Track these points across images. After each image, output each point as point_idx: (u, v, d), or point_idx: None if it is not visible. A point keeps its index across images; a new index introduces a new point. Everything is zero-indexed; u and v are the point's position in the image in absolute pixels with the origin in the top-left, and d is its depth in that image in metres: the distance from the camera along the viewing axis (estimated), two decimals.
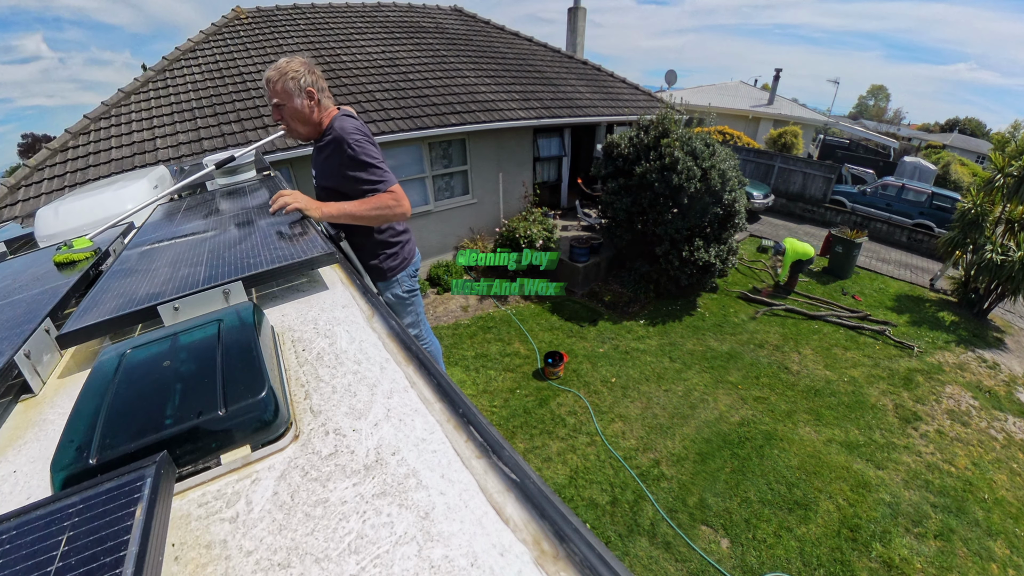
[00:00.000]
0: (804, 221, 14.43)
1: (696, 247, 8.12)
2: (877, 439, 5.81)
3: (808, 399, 6.48)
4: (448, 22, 12.92)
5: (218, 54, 9.09)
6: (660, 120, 8.38)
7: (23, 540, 0.61)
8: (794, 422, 6.04)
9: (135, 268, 1.61)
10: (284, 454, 0.83)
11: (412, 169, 8.89)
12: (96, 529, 0.60)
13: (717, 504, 4.88)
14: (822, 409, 6.29)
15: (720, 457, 5.47)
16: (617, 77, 13.22)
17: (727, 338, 7.87)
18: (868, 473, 5.31)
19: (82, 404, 0.87)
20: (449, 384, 0.91)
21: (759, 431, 5.86)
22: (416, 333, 2.69)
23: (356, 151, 2.07)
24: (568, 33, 14.99)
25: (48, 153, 6.56)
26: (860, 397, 6.53)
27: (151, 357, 0.99)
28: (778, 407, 6.30)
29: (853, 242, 10.02)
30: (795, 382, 6.82)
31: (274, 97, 2.05)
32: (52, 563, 0.56)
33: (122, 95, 7.75)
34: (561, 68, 12.43)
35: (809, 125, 22.56)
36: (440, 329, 8.00)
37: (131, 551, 0.56)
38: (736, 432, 5.84)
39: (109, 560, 0.55)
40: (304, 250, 1.46)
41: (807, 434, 5.85)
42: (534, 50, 12.97)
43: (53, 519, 0.63)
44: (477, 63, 11.00)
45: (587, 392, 6.46)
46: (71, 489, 0.70)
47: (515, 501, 0.66)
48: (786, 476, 5.22)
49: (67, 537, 0.59)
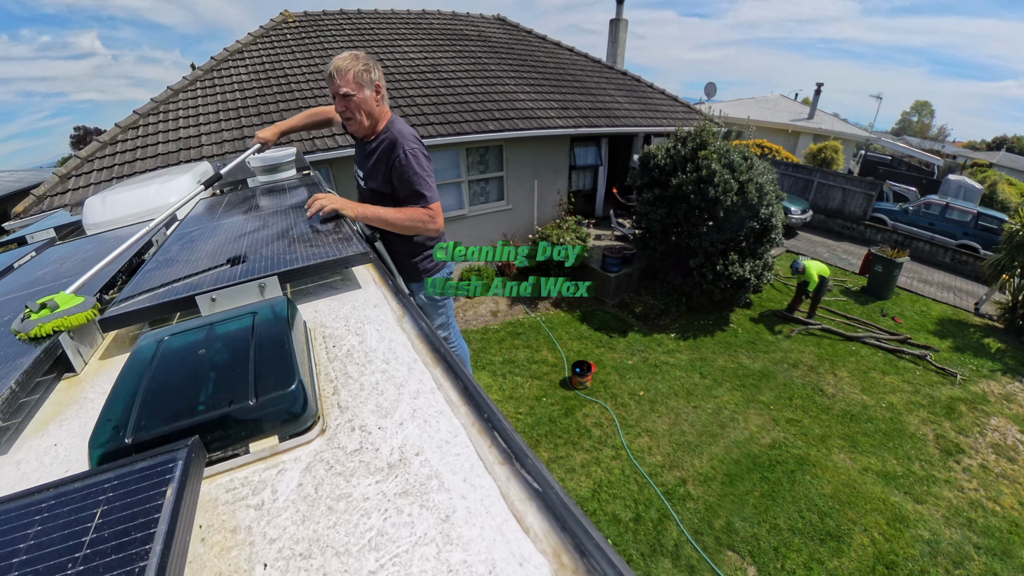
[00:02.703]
0: (843, 238, 14.01)
1: (731, 261, 7.97)
2: (916, 471, 5.55)
3: (843, 424, 6.24)
4: (491, 31, 13.05)
5: (264, 56, 9.37)
6: (698, 132, 8.30)
7: (61, 510, 0.63)
8: (828, 448, 5.83)
9: (176, 259, 1.66)
10: (310, 447, 0.84)
11: (449, 174, 8.98)
12: (129, 505, 0.62)
13: (745, 529, 4.73)
14: (858, 435, 6.05)
15: (749, 480, 5.31)
16: (656, 88, 13.12)
17: (760, 356, 7.66)
18: (906, 507, 5.07)
19: (121, 385, 0.91)
20: (475, 388, 0.91)
21: (791, 455, 5.68)
22: (445, 335, 2.71)
23: (409, 160, 2.12)
24: (609, 44, 15.00)
25: (98, 146, 6.86)
26: (899, 425, 6.26)
27: (188, 345, 1.02)
28: (811, 431, 6.09)
29: (894, 261, 9.65)
30: (830, 405, 6.59)
31: (343, 87, 2.05)
32: (87, 534, 0.59)
33: (170, 92, 8.06)
34: (600, 78, 12.40)
35: (850, 140, 21.99)
36: (469, 333, 8.03)
37: (161, 529, 0.58)
38: (767, 455, 5.67)
39: (140, 536, 0.57)
40: (339, 249, 1.49)
41: (842, 461, 5.63)
42: (574, 60, 12.98)
43: (89, 492, 0.65)
44: (518, 71, 11.08)
45: (614, 404, 6.38)
46: (107, 465, 0.73)
47: (537, 511, 0.65)
48: (818, 504, 5.03)
49: (101, 511, 0.62)
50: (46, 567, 0.56)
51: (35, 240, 2.66)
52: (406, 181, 2.14)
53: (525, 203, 10.28)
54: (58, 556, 0.57)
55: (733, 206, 7.64)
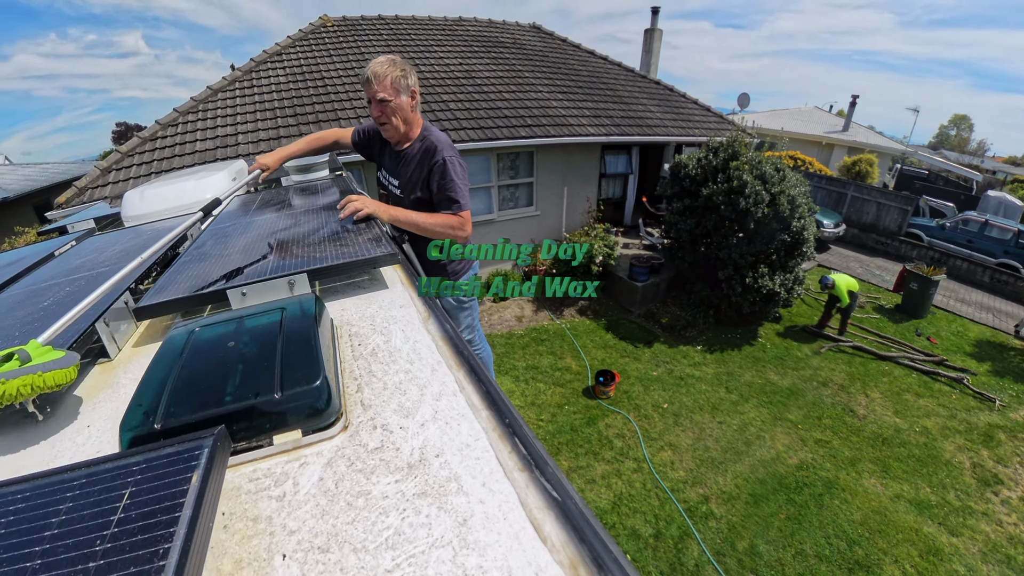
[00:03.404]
0: (877, 254, 13.61)
1: (760, 274, 7.83)
2: (951, 501, 5.32)
3: (875, 447, 6.03)
4: (526, 38, 13.12)
5: (302, 59, 9.60)
6: (730, 142, 8.20)
7: (92, 489, 0.66)
8: (858, 472, 5.64)
9: (209, 253, 1.71)
10: (332, 442, 0.85)
11: (479, 178, 9.04)
12: (156, 488, 0.64)
13: (769, 553, 4.60)
14: (890, 460, 5.84)
15: (775, 501, 5.17)
16: (689, 98, 13.02)
17: (789, 372, 7.48)
18: (940, 539, 4.86)
19: (152, 373, 0.93)
20: (498, 392, 0.90)
21: (819, 477, 5.51)
22: (470, 339, 2.72)
23: (447, 166, 2.16)
24: (643, 53, 15.00)
25: (139, 141, 7.11)
26: (933, 451, 6.02)
27: (217, 337, 1.05)
28: (841, 453, 5.90)
29: (930, 279, 9.31)
30: (861, 427, 6.38)
31: (380, 92, 2.06)
32: (115, 513, 0.61)
33: (210, 92, 8.31)
34: (633, 87, 12.36)
35: (885, 153, 21.59)
36: (493, 337, 8.04)
37: (185, 514, 0.59)
38: (794, 476, 5.51)
39: (165, 519, 0.59)
40: (368, 249, 1.51)
41: (872, 487, 5.44)
42: (608, 68, 12.97)
43: (119, 474, 0.68)
44: (551, 79, 11.11)
45: (637, 416, 6.30)
46: (136, 449, 0.75)
47: (555, 520, 0.64)
48: (847, 531, 4.86)
49: (130, 492, 0.64)
50: (76, 542, 0.58)
51: (75, 230, 2.76)
52: (441, 186, 2.17)
53: (554, 210, 10.28)
54: (87, 533, 0.59)
55: (764, 218, 7.51)
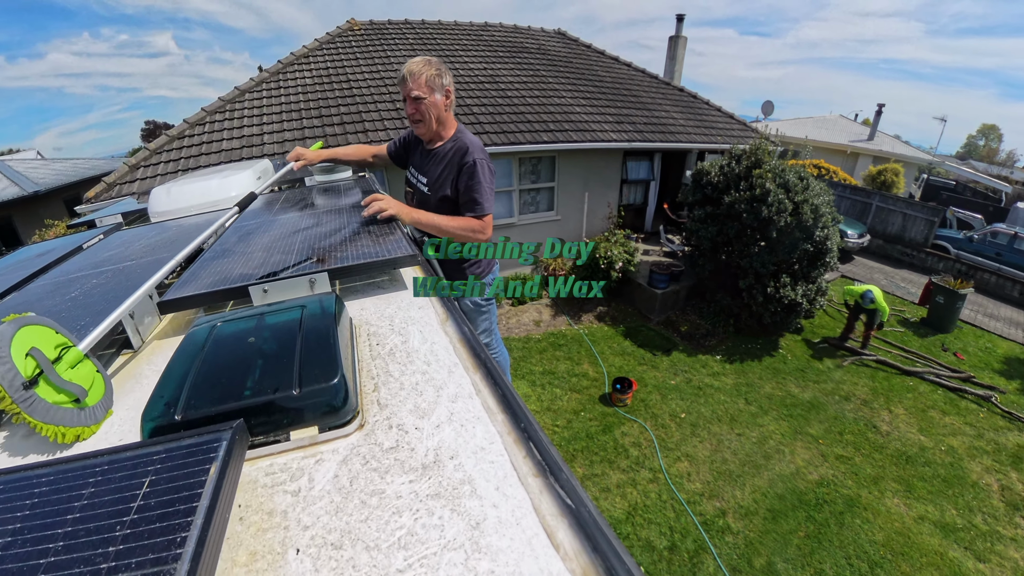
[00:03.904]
0: (902, 265, 13.28)
1: (782, 284, 7.72)
2: (978, 524, 5.15)
3: (898, 466, 5.87)
4: (551, 44, 13.17)
5: (329, 61, 9.75)
6: (753, 150, 8.13)
7: (113, 475, 0.68)
8: (881, 490, 5.49)
9: (233, 250, 1.74)
10: (348, 440, 0.86)
11: (500, 182, 9.08)
12: (175, 478, 0.65)
13: (787, 572, 4.49)
14: (914, 480, 5.67)
15: (794, 518, 5.05)
16: (712, 105, 12.94)
17: (810, 385, 7.33)
18: (967, 564, 4.69)
19: (174, 365, 0.96)
20: (514, 396, 0.90)
21: (840, 495, 5.37)
22: (487, 342, 2.72)
23: (476, 169, 2.16)
24: (667, 60, 14.98)
25: (167, 139, 7.28)
26: (959, 471, 5.84)
27: (238, 332, 1.07)
28: (863, 470, 5.76)
29: (957, 293, 9.05)
30: (884, 444, 6.22)
31: (415, 90, 2.10)
32: (135, 500, 0.62)
33: (237, 92, 8.48)
34: (657, 94, 12.32)
35: (911, 163, 21.09)
36: (511, 341, 8.04)
37: (203, 504, 0.61)
38: (814, 492, 5.39)
39: (183, 508, 0.60)
40: (388, 250, 1.52)
41: (895, 507, 5.29)
42: (631, 75, 12.95)
43: (140, 462, 0.69)
44: (575, 84, 11.12)
45: (654, 425, 6.23)
46: (157, 439, 0.77)
47: (568, 528, 0.64)
48: (868, 552, 4.72)
49: (150, 480, 0.66)
50: (97, 526, 0.59)
51: (103, 224, 2.84)
52: (468, 187, 2.17)
53: (575, 214, 10.28)
54: (108, 518, 0.60)
55: (787, 227, 7.41)
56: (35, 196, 13.76)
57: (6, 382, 0.83)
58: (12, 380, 0.84)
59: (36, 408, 0.86)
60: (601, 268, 8.83)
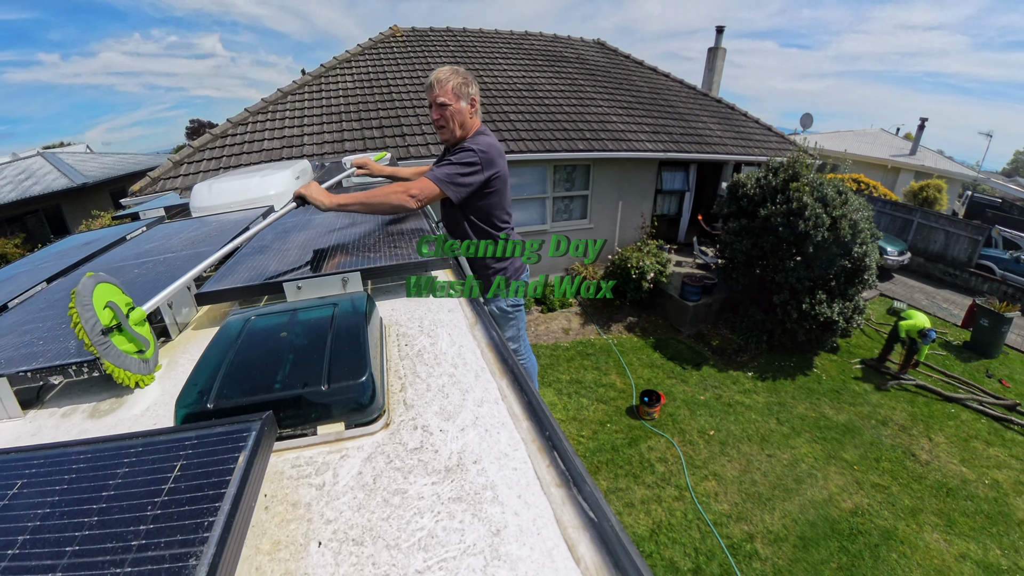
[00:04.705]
0: (944, 285, 12.72)
1: (818, 300, 7.50)
2: None
3: (938, 498, 5.59)
4: (589, 54, 13.19)
5: (370, 66, 9.96)
6: (791, 163, 7.96)
7: (147, 457, 0.70)
8: (919, 523, 5.23)
9: (269, 246, 1.78)
10: (374, 438, 0.87)
11: (534, 189, 9.13)
12: (205, 464, 0.67)
13: None
14: (955, 514, 5.38)
15: (826, 548, 4.84)
16: (750, 117, 12.73)
17: (845, 408, 7.08)
18: None
19: (208, 355, 0.99)
20: (540, 404, 0.90)
21: (875, 526, 5.15)
22: (515, 348, 2.71)
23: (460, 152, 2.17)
24: (705, 71, 14.87)
25: (210, 138, 7.54)
26: (1005, 507, 5.51)
27: (271, 327, 1.10)
28: (900, 501, 5.50)
29: (1002, 316, 8.61)
30: (923, 474, 5.94)
31: (441, 96, 2.16)
32: (166, 483, 0.64)
33: (280, 94, 8.73)
34: (694, 104, 12.20)
35: (955, 180, 20.37)
36: (539, 348, 8.01)
37: (231, 491, 0.62)
38: (847, 521, 5.16)
39: (211, 493, 0.62)
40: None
41: (934, 542, 5.02)
42: (669, 85, 12.86)
43: (172, 446, 0.72)
44: (612, 94, 11.10)
45: (681, 441, 6.11)
46: (190, 425, 0.80)
47: (590, 541, 0.62)
48: None
49: (181, 464, 0.68)
50: (129, 505, 0.61)
51: (147, 217, 2.97)
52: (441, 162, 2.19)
53: (607, 223, 10.22)
54: (140, 497, 0.62)
55: (824, 242, 7.21)
56: (83, 188, 14.40)
57: (88, 327, 0.99)
58: (93, 326, 1.00)
59: (110, 352, 1.01)
60: (632, 278, 8.74)
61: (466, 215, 2.31)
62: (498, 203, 2.34)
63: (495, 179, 2.25)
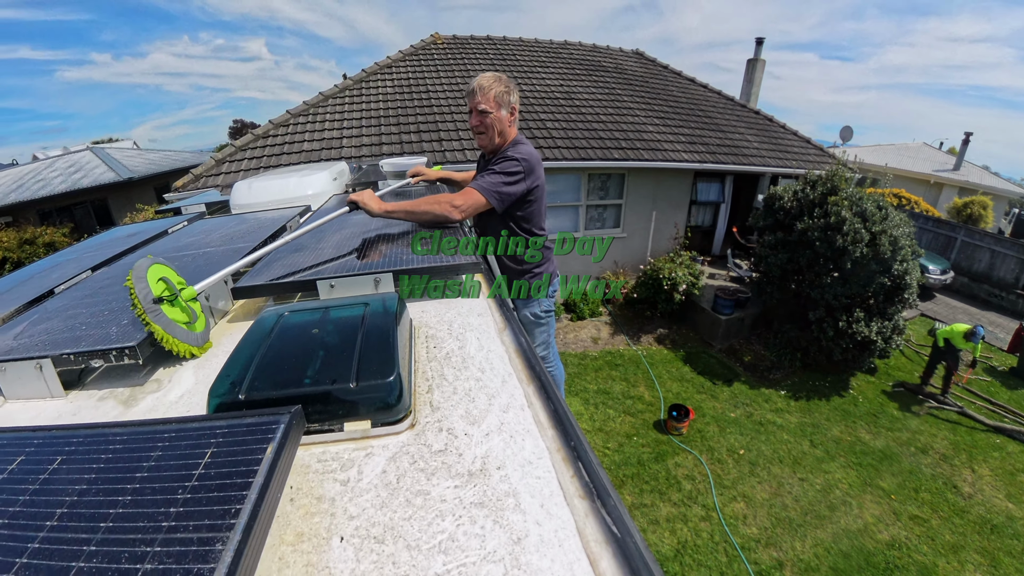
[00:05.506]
0: (989, 307, 12.13)
1: (855, 318, 7.26)
2: None
3: (981, 534, 5.29)
4: (628, 64, 13.16)
5: (410, 72, 10.14)
6: (829, 176, 7.77)
7: (179, 443, 0.72)
8: (960, 561, 4.94)
9: (304, 245, 1.83)
10: (399, 438, 0.87)
11: (568, 196, 9.14)
12: (234, 453, 0.69)
13: None
14: (1000, 553, 5.07)
15: None
16: (788, 129, 12.49)
17: (882, 432, 6.80)
18: None
19: (242, 348, 1.02)
20: (566, 413, 0.89)
21: (913, 561, 4.88)
22: (543, 355, 2.70)
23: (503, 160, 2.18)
24: (744, 83, 14.73)
25: (252, 138, 7.77)
26: None
27: (303, 323, 1.12)
28: (940, 536, 5.22)
29: None
30: (965, 508, 5.64)
31: (483, 103, 2.16)
32: (197, 468, 0.66)
33: (321, 97, 8.96)
34: (732, 115, 12.03)
35: (1001, 196, 19.67)
36: (567, 356, 7.97)
37: (258, 480, 0.63)
38: (883, 555, 4.93)
39: (239, 482, 0.63)
40: (453, 256, 1.57)
41: None
42: (707, 96, 12.74)
43: (204, 434, 0.74)
44: (649, 104, 11.03)
45: (710, 459, 5.97)
46: (221, 414, 0.82)
47: (612, 557, 0.61)
48: None
49: (211, 452, 0.70)
50: (161, 487, 0.63)
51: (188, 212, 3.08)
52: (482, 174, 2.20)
53: (640, 233, 10.15)
54: (171, 481, 0.64)
55: (862, 258, 6.99)
56: (129, 182, 15.10)
57: (141, 296, 1.13)
58: (146, 295, 1.14)
59: (160, 319, 1.15)
60: (664, 289, 8.64)
61: (506, 223, 2.32)
62: (537, 211, 2.34)
63: (536, 188, 2.26)
